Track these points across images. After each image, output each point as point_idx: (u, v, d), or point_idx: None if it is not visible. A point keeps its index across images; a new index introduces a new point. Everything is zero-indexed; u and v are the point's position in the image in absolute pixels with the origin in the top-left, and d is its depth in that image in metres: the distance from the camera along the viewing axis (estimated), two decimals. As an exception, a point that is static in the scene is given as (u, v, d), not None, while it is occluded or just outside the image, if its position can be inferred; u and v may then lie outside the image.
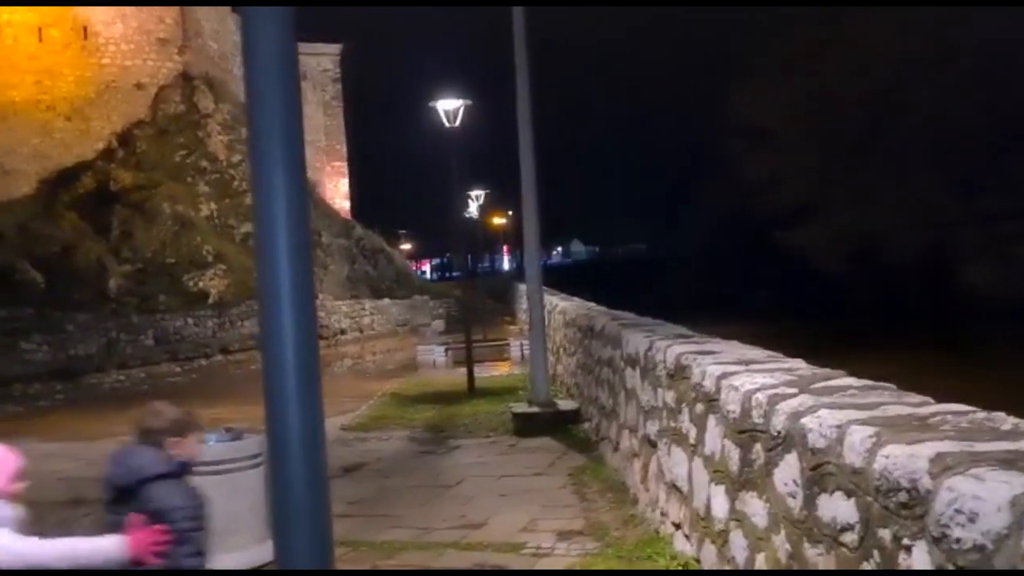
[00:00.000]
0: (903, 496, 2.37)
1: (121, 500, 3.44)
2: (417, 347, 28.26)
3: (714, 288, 59.24)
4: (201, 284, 30.58)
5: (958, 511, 2.06)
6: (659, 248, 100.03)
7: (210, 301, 29.68)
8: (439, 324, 42.93)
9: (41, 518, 4.21)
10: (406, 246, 74.80)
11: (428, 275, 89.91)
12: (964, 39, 35.96)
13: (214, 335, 27.84)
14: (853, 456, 2.73)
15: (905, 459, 2.40)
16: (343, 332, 38.22)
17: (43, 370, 21.77)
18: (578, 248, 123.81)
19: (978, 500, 2.00)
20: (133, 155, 35.81)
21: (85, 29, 36.73)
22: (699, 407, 4.97)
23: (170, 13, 38.74)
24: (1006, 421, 2.75)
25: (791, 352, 5.15)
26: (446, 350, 25.62)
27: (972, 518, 2.01)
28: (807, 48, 40.83)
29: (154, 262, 30.59)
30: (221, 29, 41.34)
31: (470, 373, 16.84)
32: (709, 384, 4.72)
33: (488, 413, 13.51)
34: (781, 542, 3.50)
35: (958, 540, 2.06)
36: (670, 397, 5.80)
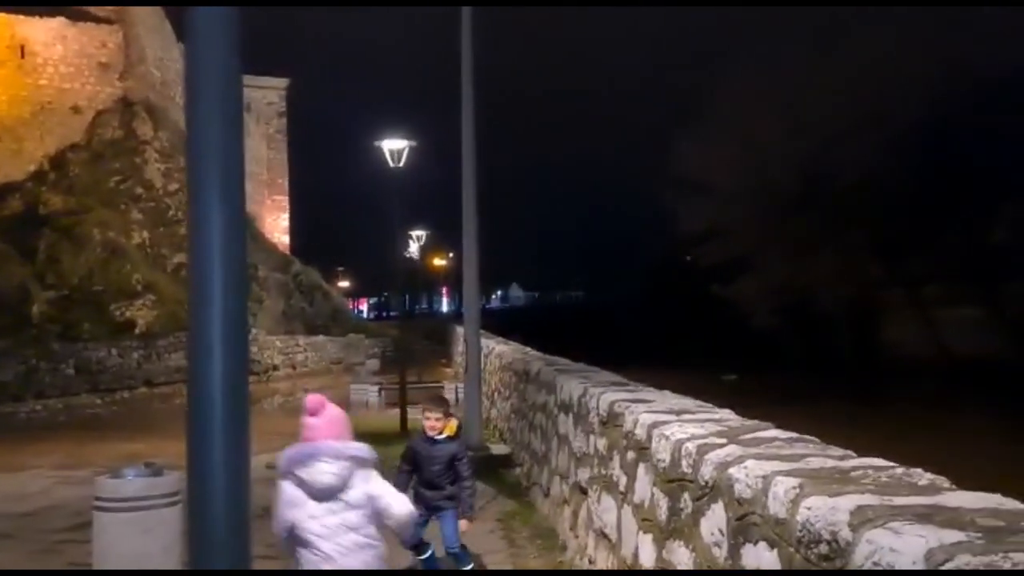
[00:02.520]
0: (824, 548, 2.40)
1: None
2: (350, 386, 27.86)
3: (651, 336, 59.95)
4: (128, 314, 29.78)
5: (876, 564, 2.10)
6: (597, 295, 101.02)
7: (137, 331, 28.89)
8: (374, 364, 42.48)
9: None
10: (344, 283, 74.11)
11: (365, 314, 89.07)
12: (897, 105, 37.51)
13: (139, 367, 27.04)
14: (777, 507, 2.76)
15: (827, 511, 2.45)
16: (275, 368, 37.52)
17: (-45, 397, 20.86)
18: (517, 293, 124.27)
19: (895, 553, 2.05)
20: (65, 178, 34.95)
21: (22, 48, 35.97)
22: (630, 455, 4.99)
23: (113, 38, 38.21)
24: (923, 477, 2.82)
25: (722, 403, 5.23)
26: (380, 390, 25.32)
27: (889, 570, 2.05)
28: (746, 106, 42.10)
29: (80, 289, 29.71)
30: (166, 56, 40.87)
31: (403, 414, 16.63)
32: (641, 432, 4.75)
33: (419, 455, 13.32)
34: (706, 592, 3.52)
35: (875, 592, 2.09)
36: (602, 444, 5.82)
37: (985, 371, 35.17)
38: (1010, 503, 2.40)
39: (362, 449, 4.38)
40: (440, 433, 6.22)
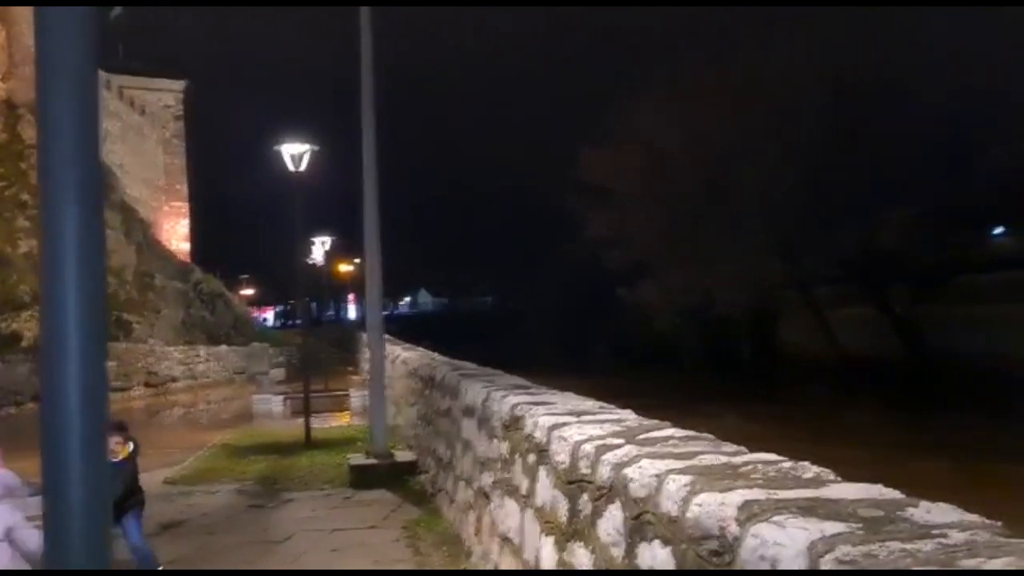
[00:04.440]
0: (714, 543, 2.42)
1: None
2: (254, 396, 27.17)
3: (559, 341, 60.49)
4: (15, 326, 28.35)
5: (762, 557, 2.13)
6: (507, 301, 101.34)
7: (24, 344, 27.51)
8: (278, 373, 41.59)
9: None
10: (249, 292, 72.29)
11: (270, 322, 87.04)
12: (791, 116, 38.85)
13: (27, 381, 25.75)
14: (670, 504, 2.78)
15: (716, 507, 2.47)
16: (175, 380, 36.33)
17: None
18: (425, 299, 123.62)
19: (779, 546, 2.07)
20: (-56, 184, 33.09)
21: None
22: (531, 458, 4.98)
23: (-6, 37, 36.40)
24: (809, 470, 2.88)
25: (625, 404, 5.27)
26: (284, 400, 24.76)
27: (774, 563, 2.08)
28: (648, 114, 42.92)
29: (-38, 301, 28.16)
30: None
31: (308, 424, 16.32)
32: (541, 435, 4.74)
33: (324, 465, 13.10)
34: (604, 592, 3.52)
35: (762, 586, 2.11)
36: (504, 448, 5.79)
37: (875, 366, 36.76)
38: (890, 493, 2.47)
39: (8, 478, 4.36)
40: (118, 456, 6.90)
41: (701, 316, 44.96)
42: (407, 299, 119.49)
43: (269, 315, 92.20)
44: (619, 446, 3.66)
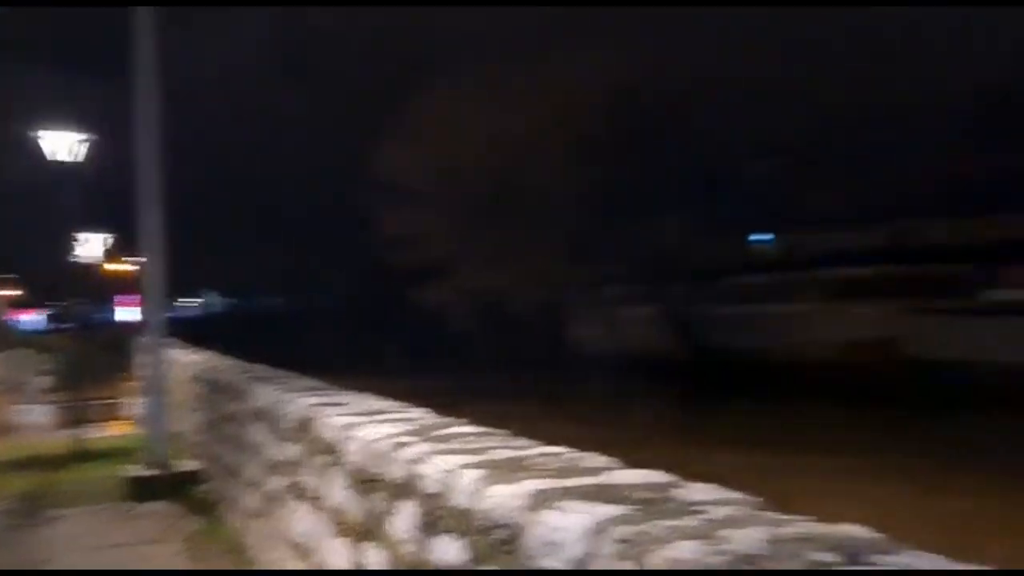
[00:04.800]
0: (503, 533, 2.50)
1: None
2: (16, 407, 24.79)
3: (353, 342, 59.71)
4: None
5: (547, 542, 2.22)
6: (300, 301, 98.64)
7: None
8: (45, 381, 38.20)
9: None
10: (13, 293, 65.84)
11: (41, 326, 79.81)
12: (582, 119, 40.52)
13: None
14: (462, 498, 2.84)
15: (505, 498, 2.55)
16: (-83, 392, 32.45)
17: None
18: (214, 299, 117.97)
19: (563, 530, 2.18)
20: None
21: None
22: (323, 459, 4.90)
23: None
24: (596, 459, 3.04)
25: (420, 404, 5.29)
26: (53, 410, 22.78)
27: (557, 548, 2.17)
28: (442, 113, 43.31)
29: None
30: None
31: (79, 435, 15.12)
32: (333, 435, 4.67)
33: (99, 479, 12.18)
34: (398, 590, 3.52)
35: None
36: (295, 451, 5.65)
37: (659, 363, 39.17)
38: (662, 477, 2.67)
39: None
40: None
41: (495, 315, 46.02)
42: (195, 300, 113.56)
43: (35, 317, 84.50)
44: (413, 443, 3.68)
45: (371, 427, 4.30)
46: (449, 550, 2.93)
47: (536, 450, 3.33)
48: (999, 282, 33.03)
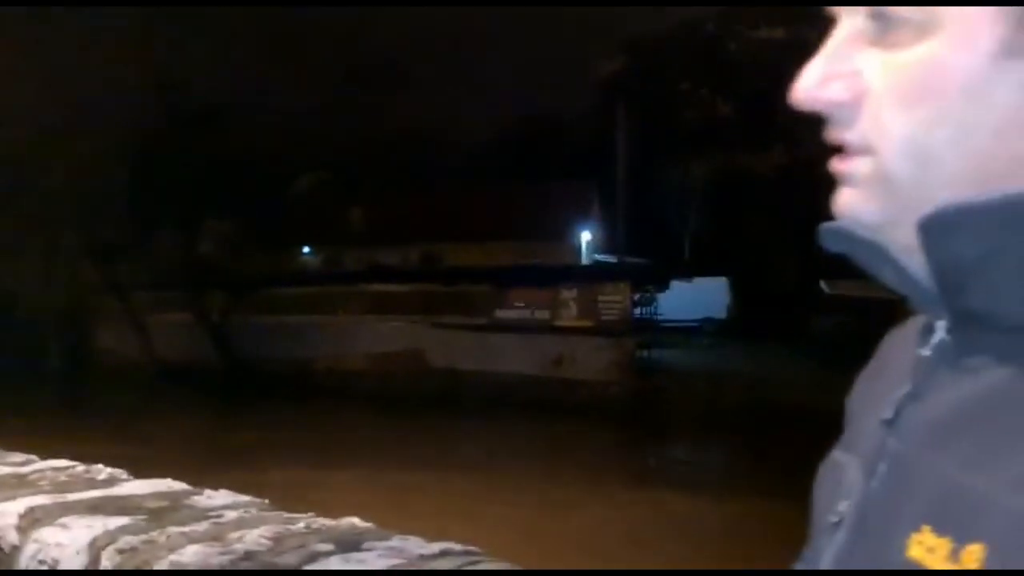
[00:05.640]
0: (-7, 556, 2.31)
1: None
2: None
3: None
4: None
5: (42, 561, 2.12)
6: None
7: None
8: None
9: None
10: None
11: None
12: (115, 115, 37.42)
13: None
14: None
15: (-2, 518, 2.36)
16: None
17: None
18: None
19: (60, 547, 2.09)
20: None
21: None
22: None
23: None
24: (103, 472, 2.93)
25: None
26: None
27: (55, 564, 2.08)
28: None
29: None
30: None
31: None
32: None
33: None
34: None
35: (41, 590, 2.10)
36: None
37: (192, 374, 37.54)
38: (177, 485, 2.68)
39: None
40: None
41: (10, 320, 40.46)
42: None
43: None
44: None
45: None
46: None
47: (35, 465, 3.10)
48: (508, 302, 37.76)
